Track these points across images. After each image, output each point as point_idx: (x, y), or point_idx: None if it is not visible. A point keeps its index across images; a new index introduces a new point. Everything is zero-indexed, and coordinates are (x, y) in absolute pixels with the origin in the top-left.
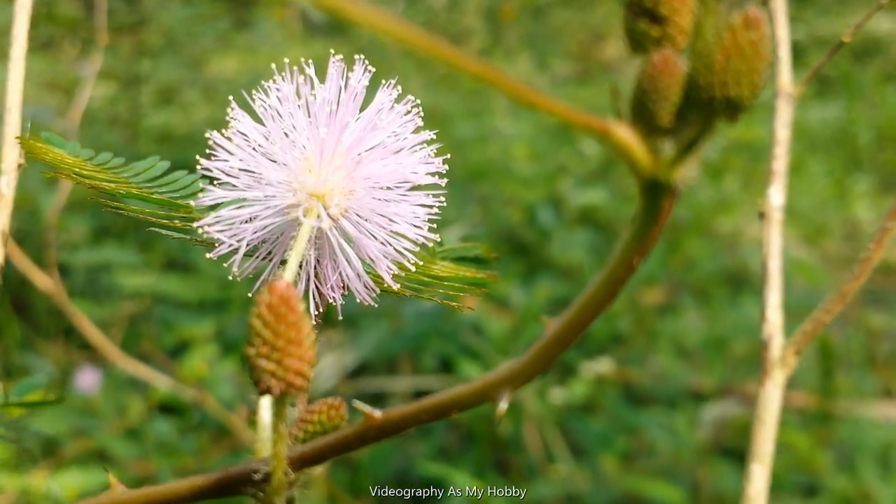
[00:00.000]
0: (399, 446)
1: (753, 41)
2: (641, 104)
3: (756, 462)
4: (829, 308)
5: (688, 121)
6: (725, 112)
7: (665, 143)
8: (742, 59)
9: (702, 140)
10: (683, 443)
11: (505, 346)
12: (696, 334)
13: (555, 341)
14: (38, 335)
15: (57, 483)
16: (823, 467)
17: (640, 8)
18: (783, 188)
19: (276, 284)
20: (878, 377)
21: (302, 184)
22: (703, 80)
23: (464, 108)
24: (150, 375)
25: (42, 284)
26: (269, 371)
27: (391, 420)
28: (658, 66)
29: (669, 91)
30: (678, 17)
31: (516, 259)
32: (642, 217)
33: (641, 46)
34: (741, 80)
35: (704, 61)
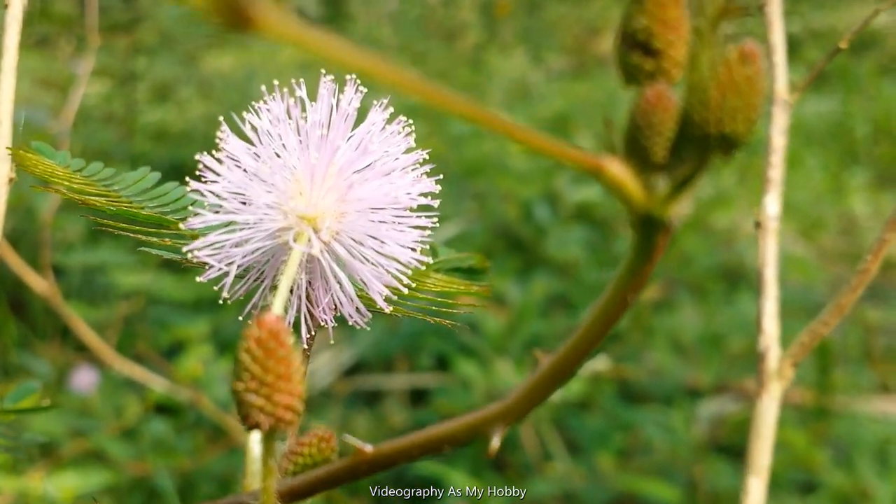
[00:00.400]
0: None
1: (749, 76)
2: (635, 140)
3: (753, 475)
4: (827, 320)
5: (682, 157)
6: (721, 148)
7: (659, 178)
8: (737, 94)
9: (697, 176)
10: (680, 440)
11: (501, 344)
12: (693, 331)
13: (548, 378)
14: (35, 335)
15: (54, 484)
16: (821, 464)
17: (634, 41)
18: (779, 197)
19: (265, 318)
20: (875, 372)
21: (292, 207)
22: (697, 116)
23: None
24: (145, 377)
25: (37, 286)
26: (257, 406)
27: (382, 455)
28: (651, 101)
29: (663, 126)
30: (672, 49)
31: (512, 255)
32: (636, 253)
33: (635, 79)
34: (737, 116)
35: (699, 97)
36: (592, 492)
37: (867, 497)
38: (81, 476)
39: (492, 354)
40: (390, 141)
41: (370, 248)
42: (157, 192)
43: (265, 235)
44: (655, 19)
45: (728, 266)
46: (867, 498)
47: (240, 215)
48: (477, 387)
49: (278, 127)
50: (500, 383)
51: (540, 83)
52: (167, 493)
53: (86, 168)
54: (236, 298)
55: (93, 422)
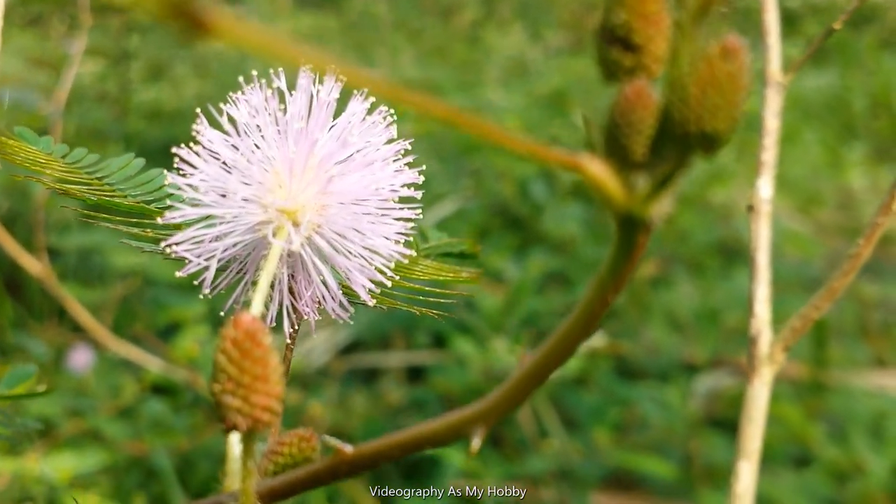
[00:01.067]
0: (392, 420)
1: (731, 73)
2: (614, 138)
3: (744, 459)
4: (819, 304)
5: (663, 155)
6: (701, 147)
7: (640, 177)
8: (719, 92)
9: (677, 175)
10: (676, 416)
11: (498, 322)
12: (689, 306)
13: (529, 377)
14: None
15: (51, 465)
16: (815, 439)
17: (613, 36)
18: (772, 179)
19: (242, 318)
20: (870, 347)
21: (272, 200)
22: (678, 113)
23: (455, 81)
24: (141, 357)
25: (31, 268)
26: (234, 408)
27: (363, 455)
28: (631, 98)
29: (643, 125)
30: (652, 45)
31: (509, 233)
32: (617, 252)
33: (614, 75)
34: (718, 114)
35: (679, 94)
36: (589, 468)
37: (861, 471)
38: (78, 457)
39: (488, 332)
40: (371, 131)
41: (353, 241)
42: (142, 178)
43: (245, 229)
44: (635, 14)
45: (725, 242)
46: (861, 472)
47: (218, 209)
48: (474, 364)
49: (257, 118)
50: (497, 361)
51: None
52: (165, 473)
53: (70, 154)
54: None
55: (89, 401)
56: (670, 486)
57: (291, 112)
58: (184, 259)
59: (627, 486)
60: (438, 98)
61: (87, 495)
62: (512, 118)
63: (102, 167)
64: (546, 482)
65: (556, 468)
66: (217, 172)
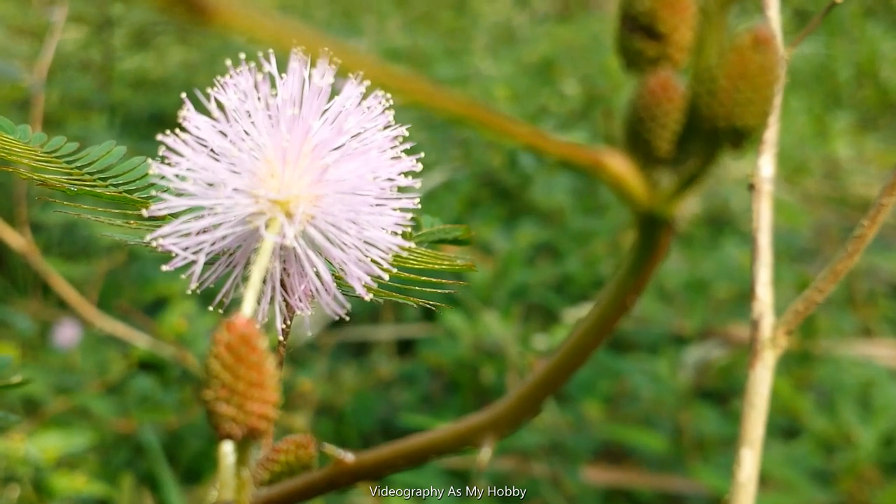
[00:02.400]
0: (383, 395)
1: (762, 65)
2: (637, 133)
3: (746, 447)
4: (822, 287)
5: (689, 151)
6: (731, 143)
7: (663, 174)
8: (750, 85)
9: (705, 173)
10: (666, 388)
11: (487, 294)
12: (678, 277)
13: (542, 384)
14: (15, 289)
15: (37, 445)
16: (804, 410)
17: (636, 24)
18: (774, 158)
19: (235, 321)
20: (857, 316)
21: (264, 191)
22: (706, 108)
23: (443, 48)
24: (128, 334)
25: (14, 243)
26: (229, 416)
27: (364, 465)
28: (655, 91)
29: (668, 119)
30: (677, 33)
31: (498, 204)
32: (638, 253)
33: (637, 65)
34: (749, 108)
35: (708, 86)
36: (580, 441)
37: (850, 441)
38: (65, 436)
39: (478, 304)
40: (367, 117)
41: (348, 232)
42: (123, 167)
43: (235, 221)
44: (659, 0)
45: (713, 211)
46: (850, 442)
47: (207, 200)
48: (464, 337)
49: (246, 103)
50: (487, 334)
51: (525, 26)
52: (153, 450)
53: (48, 143)
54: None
55: (76, 377)
56: (661, 458)
57: (283, 97)
58: (170, 253)
59: (618, 459)
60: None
61: (74, 474)
62: (501, 87)
63: (82, 156)
64: (537, 456)
65: (547, 442)
66: (205, 161)
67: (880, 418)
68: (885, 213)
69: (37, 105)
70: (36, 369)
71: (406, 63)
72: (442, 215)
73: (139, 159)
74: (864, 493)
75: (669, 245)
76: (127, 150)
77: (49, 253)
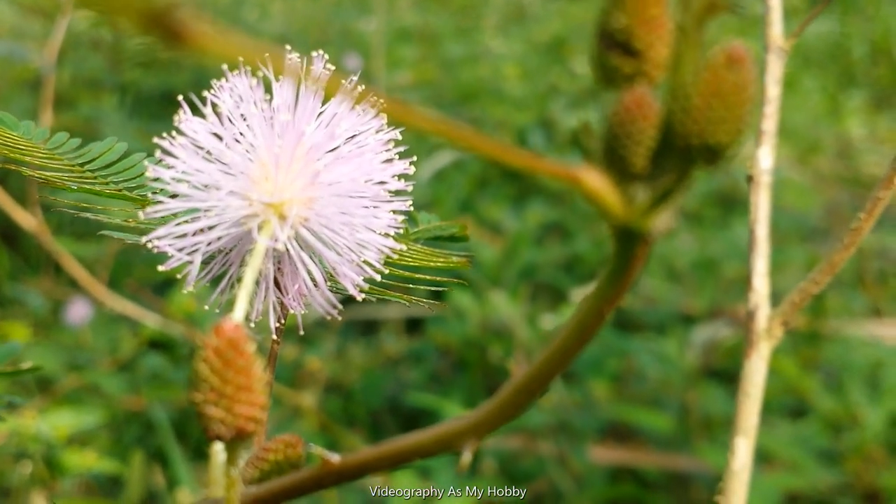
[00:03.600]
0: (391, 373)
1: (736, 83)
2: (613, 149)
3: (741, 436)
4: (818, 279)
5: (663, 167)
6: (704, 160)
7: (639, 189)
8: (723, 103)
9: (679, 188)
10: (673, 367)
11: (496, 274)
12: (687, 257)
13: (521, 390)
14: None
15: (49, 422)
16: (811, 390)
17: (612, 41)
18: (773, 149)
19: (224, 326)
20: (867, 296)
21: (258, 194)
22: (680, 125)
23: (454, 27)
24: (138, 313)
25: (25, 223)
26: (218, 419)
27: (349, 466)
28: (631, 108)
29: (643, 136)
30: (653, 50)
31: (507, 183)
32: (615, 265)
33: (613, 82)
34: (722, 126)
35: (682, 104)
36: (587, 420)
37: (857, 422)
38: (76, 414)
39: (487, 284)
40: (361, 120)
41: (342, 235)
42: (124, 164)
43: (230, 223)
44: (636, 18)
45: (723, 191)
46: (857, 422)
47: (202, 202)
48: (472, 316)
49: (242, 107)
50: (494, 313)
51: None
52: (163, 426)
53: (50, 139)
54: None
55: (87, 355)
56: (667, 438)
57: (278, 101)
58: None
59: (625, 438)
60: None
61: (85, 451)
62: (511, 65)
63: (84, 152)
64: (544, 435)
65: (554, 421)
66: (201, 164)
67: (888, 398)
68: (881, 206)
69: (48, 86)
70: (48, 347)
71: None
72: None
73: (138, 156)
74: (870, 474)
75: (646, 257)
76: (136, 131)
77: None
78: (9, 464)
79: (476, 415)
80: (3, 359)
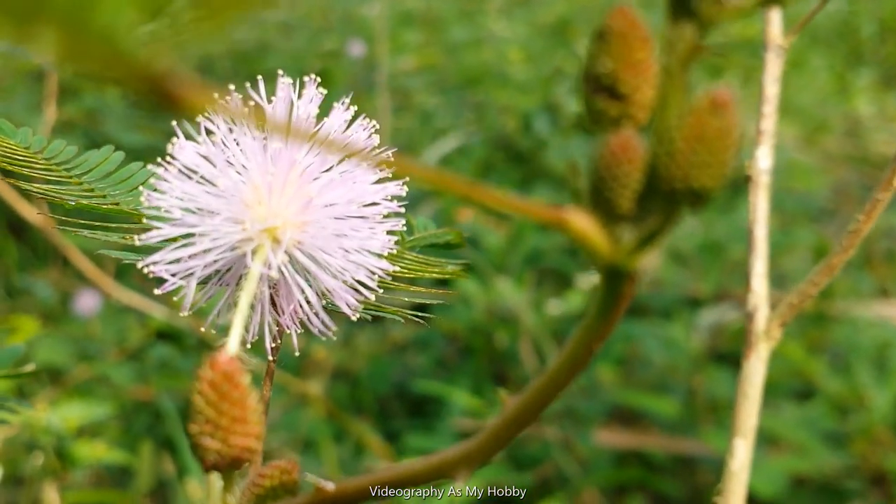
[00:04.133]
0: (398, 360)
1: (720, 128)
2: (599, 191)
3: (739, 437)
4: (817, 280)
5: (649, 209)
6: (688, 202)
7: (626, 229)
8: (707, 148)
9: (664, 230)
10: (679, 352)
11: (502, 260)
12: (693, 240)
13: (512, 422)
14: (36, 259)
15: (59, 414)
16: (818, 372)
17: (599, 85)
18: (771, 149)
19: (218, 359)
20: (874, 276)
21: (251, 218)
22: (664, 169)
23: (457, 10)
24: (145, 304)
25: (30, 216)
26: (214, 450)
27: (343, 493)
28: (616, 151)
29: (628, 178)
30: (639, 94)
31: (512, 168)
32: (602, 302)
33: (600, 124)
34: (706, 170)
35: (666, 148)
36: (592, 405)
37: (863, 403)
38: (86, 405)
39: (492, 270)
40: (353, 142)
41: (335, 257)
42: (121, 174)
43: (224, 247)
44: (622, 62)
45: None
46: (863, 404)
47: (196, 227)
48: (478, 302)
49: (236, 131)
50: (500, 299)
51: None
52: (171, 415)
53: (47, 147)
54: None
55: (96, 346)
56: (674, 422)
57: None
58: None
59: (630, 422)
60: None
61: (95, 442)
62: (515, 49)
63: (80, 162)
64: (549, 419)
65: (559, 406)
66: (194, 189)
67: (895, 380)
68: (881, 207)
69: (51, 79)
70: (57, 338)
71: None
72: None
73: (135, 166)
74: (877, 456)
75: (632, 294)
76: (139, 122)
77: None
78: (21, 455)
79: (468, 445)
80: (7, 361)
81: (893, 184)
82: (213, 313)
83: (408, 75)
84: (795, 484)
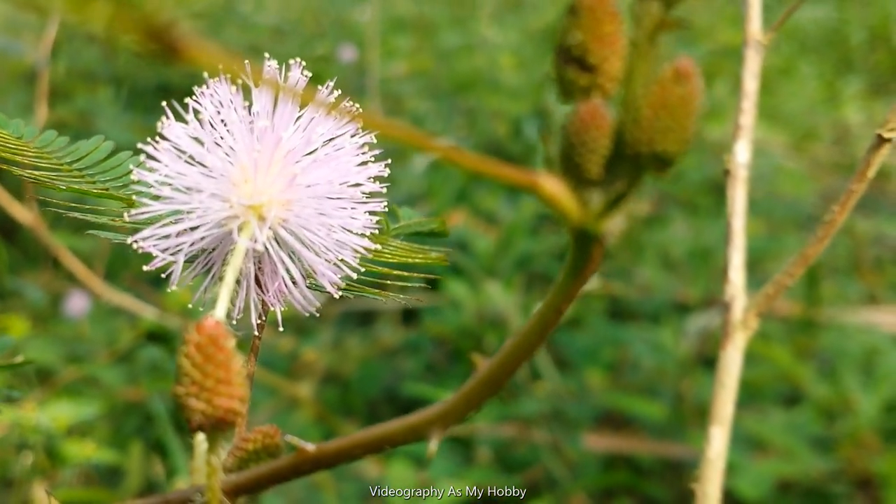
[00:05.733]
0: (388, 363)
1: (682, 96)
2: (569, 157)
3: (716, 425)
4: (792, 271)
5: (616, 173)
6: (653, 167)
7: (594, 194)
8: (670, 114)
9: (630, 193)
10: (668, 356)
11: (491, 264)
12: (682, 245)
13: (486, 382)
14: (27, 260)
15: (49, 414)
16: (805, 377)
17: (569, 56)
18: (750, 143)
19: (205, 323)
20: (862, 283)
21: (238, 196)
22: (630, 135)
23: (449, 16)
24: (135, 305)
25: (21, 217)
26: (199, 410)
27: (324, 454)
28: (585, 119)
29: (597, 144)
30: (607, 64)
31: None
32: (572, 265)
33: (570, 95)
34: (668, 136)
35: (632, 115)
36: (581, 409)
37: (851, 409)
38: (76, 405)
39: (482, 274)
40: (338, 124)
41: (319, 235)
42: (110, 163)
43: (212, 224)
44: (591, 35)
45: (719, 180)
46: (851, 410)
47: (185, 204)
48: (467, 307)
49: (223, 112)
50: (490, 303)
51: None
52: (161, 417)
53: (40, 137)
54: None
55: (86, 347)
56: (662, 425)
57: (257, 107)
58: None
59: (619, 426)
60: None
61: (84, 442)
62: (506, 55)
63: (72, 150)
64: (539, 423)
65: (548, 409)
66: (183, 167)
67: (882, 385)
68: (855, 198)
69: (42, 80)
70: (47, 339)
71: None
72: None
73: (125, 154)
74: (863, 460)
75: (601, 257)
76: (131, 123)
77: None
78: (10, 454)
79: (443, 405)
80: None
81: (867, 175)
82: (201, 289)
83: (399, 80)
84: (782, 488)
